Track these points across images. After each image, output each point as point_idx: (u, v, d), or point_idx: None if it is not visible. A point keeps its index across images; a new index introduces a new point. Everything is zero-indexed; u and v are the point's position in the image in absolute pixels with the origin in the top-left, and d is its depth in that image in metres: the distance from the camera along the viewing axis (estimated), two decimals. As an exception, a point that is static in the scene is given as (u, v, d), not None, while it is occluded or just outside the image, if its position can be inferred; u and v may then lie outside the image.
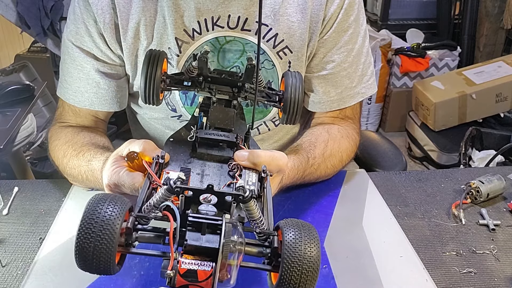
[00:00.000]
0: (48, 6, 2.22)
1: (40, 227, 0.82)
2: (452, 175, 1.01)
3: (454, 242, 0.80)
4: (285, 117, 0.69)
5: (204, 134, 0.63)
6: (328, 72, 0.94)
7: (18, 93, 1.56)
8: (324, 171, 0.89)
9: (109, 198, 0.46)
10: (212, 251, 0.46)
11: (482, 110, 2.69)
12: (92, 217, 0.44)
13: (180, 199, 0.50)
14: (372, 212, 0.86)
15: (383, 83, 3.01)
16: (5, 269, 0.73)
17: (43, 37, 2.32)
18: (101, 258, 0.43)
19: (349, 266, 0.72)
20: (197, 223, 0.47)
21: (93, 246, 0.43)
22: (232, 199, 0.50)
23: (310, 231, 0.49)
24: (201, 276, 0.46)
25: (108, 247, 0.43)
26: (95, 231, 0.43)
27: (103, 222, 0.44)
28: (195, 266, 0.46)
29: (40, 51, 3.02)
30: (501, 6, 2.97)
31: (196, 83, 0.69)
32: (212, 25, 0.87)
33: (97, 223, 0.44)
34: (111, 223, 0.44)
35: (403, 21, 3.20)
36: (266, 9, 0.88)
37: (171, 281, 0.45)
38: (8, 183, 0.94)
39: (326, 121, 0.99)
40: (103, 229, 0.43)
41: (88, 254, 0.43)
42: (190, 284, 0.46)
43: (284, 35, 0.89)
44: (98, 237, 0.43)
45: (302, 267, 0.46)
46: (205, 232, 0.47)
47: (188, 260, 0.46)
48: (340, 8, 0.90)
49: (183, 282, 0.46)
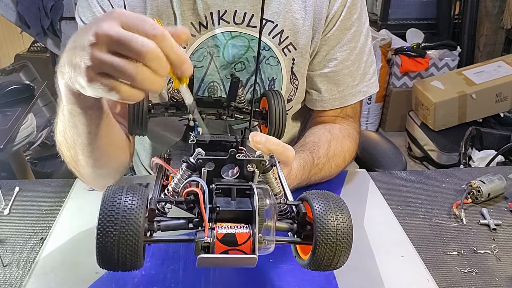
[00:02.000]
0: (48, 6, 2.22)
1: (41, 227, 0.82)
2: (453, 175, 1.01)
3: (455, 242, 0.80)
4: (272, 134, 0.72)
5: (204, 137, 0.63)
6: (330, 70, 0.94)
7: (18, 93, 1.56)
8: (329, 171, 0.90)
9: (126, 187, 0.43)
10: (247, 214, 0.45)
11: (482, 110, 2.69)
12: (112, 209, 0.41)
13: (202, 173, 0.48)
14: (373, 212, 0.86)
15: (383, 83, 3.01)
16: (6, 269, 0.73)
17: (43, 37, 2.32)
18: (128, 253, 0.40)
19: (350, 266, 0.72)
20: (226, 189, 0.46)
21: (117, 240, 0.40)
22: (255, 167, 0.49)
23: (337, 200, 0.48)
24: (240, 239, 0.44)
25: (134, 239, 0.40)
26: (117, 223, 0.40)
27: (125, 213, 0.40)
28: (232, 229, 0.44)
29: (40, 51, 3.02)
30: (501, 6, 2.97)
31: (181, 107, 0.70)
32: (218, 20, 0.87)
33: (118, 215, 0.40)
34: (134, 212, 0.41)
35: (403, 21, 3.21)
36: (272, 5, 0.88)
37: (209, 249, 0.43)
38: (9, 183, 0.94)
39: (327, 120, 0.99)
40: (126, 219, 0.40)
41: (112, 251, 0.40)
42: (230, 249, 0.44)
43: (289, 31, 0.90)
44: (122, 228, 0.40)
45: (336, 236, 0.46)
46: (235, 197, 0.46)
47: (222, 225, 0.44)
48: (343, 6, 0.90)
49: (222, 247, 0.43)
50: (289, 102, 0.97)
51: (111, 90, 0.50)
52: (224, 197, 0.46)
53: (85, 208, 0.85)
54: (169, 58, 0.49)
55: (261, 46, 0.89)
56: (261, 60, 0.90)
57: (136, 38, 0.48)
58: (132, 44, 0.48)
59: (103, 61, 0.49)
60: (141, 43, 0.48)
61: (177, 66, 0.50)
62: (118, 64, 0.49)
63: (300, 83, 0.96)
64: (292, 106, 0.98)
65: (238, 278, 0.69)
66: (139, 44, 0.48)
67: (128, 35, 0.48)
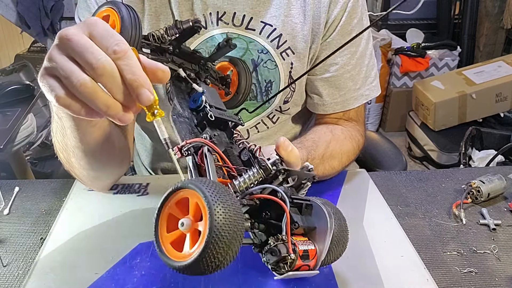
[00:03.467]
0: (48, 6, 2.22)
1: (41, 227, 0.82)
2: (452, 175, 1.01)
3: (455, 242, 0.80)
4: (234, 103, 0.75)
5: (218, 114, 0.62)
6: (331, 74, 0.94)
7: (18, 93, 1.57)
8: (322, 172, 0.89)
9: (226, 195, 0.42)
10: (312, 229, 0.49)
11: (482, 110, 2.69)
12: (224, 226, 0.40)
13: (277, 179, 0.50)
14: (373, 212, 0.86)
15: (383, 83, 3.01)
16: (6, 269, 0.73)
17: (43, 37, 2.32)
18: (229, 261, 0.41)
19: (350, 265, 0.72)
20: (298, 204, 0.49)
21: (224, 256, 0.40)
22: (306, 180, 0.53)
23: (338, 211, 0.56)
24: (311, 256, 0.47)
25: (236, 252, 0.41)
26: (229, 238, 0.40)
27: (235, 232, 0.40)
28: (306, 246, 0.48)
29: (40, 51, 3.02)
30: (501, 6, 2.97)
31: (159, 53, 0.65)
32: (217, 20, 0.87)
33: (230, 232, 0.40)
34: (241, 231, 0.41)
35: (403, 21, 3.21)
36: (271, 9, 0.88)
37: (291, 265, 0.45)
38: (9, 183, 0.94)
39: (329, 121, 0.99)
40: (235, 237, 0.40)
41: (217, 263, 0.40)
42: (303, 265, 0.47)
43: (287, 36, 0.89)
44: (230, 246, 0.40)
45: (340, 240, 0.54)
46: (303, 213, 0.50)
47: (297, 241, 0.47)
48: (344, 11, 0.90)
49: (300, 264, 0.46)
50: (286, 103, 0.97)
51: (51, 91, 0.47)
52: (295, 212, 0.49)
53: (85, 208, 0.85)
54: (124, 78, 0.45)
55: (259, 49, 0.89)
56: (259, 63, 0.90)
57: (92, 49, 0.45)
58: (86, 54, 0.45)
59: (53, 61, 0.47)
60: (95, 55, 0.45)
61: (132, 89, 0.45)
62: (64, 67, 0.46)
63: (297, 86, 0.95)
64: (289, 107, 0.98)
65: (238, 278, 0.69)
66: (92, 56, 0.45)
67: (86, 44, 0.45)
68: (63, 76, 0.46)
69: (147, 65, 0.48)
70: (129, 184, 0.92)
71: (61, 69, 0.46)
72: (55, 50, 0.48)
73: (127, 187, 0.91)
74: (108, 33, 0.47)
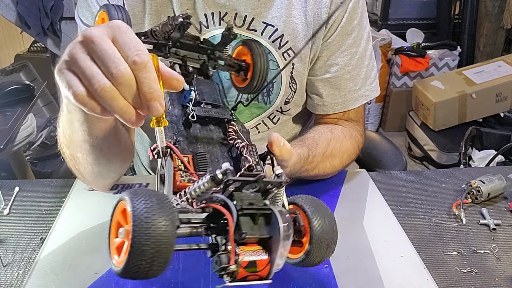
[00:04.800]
0: (48, 6, 2.22)
1: (41, 227, 0.82)
2: (452, 175, 1.01)
3: (455, 242, 0.80)
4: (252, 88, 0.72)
5: (203, 111, 0.61)
6: (331, 75, 0.94)
7: (18, 93, 1.57)
8: (323, 170, 0.89)
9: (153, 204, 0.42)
10: (268, 240, 0.48)
11: (482, 109, 2.69)
12: (147, 231, 0.40)
13: (225, 190, 0.49)
14: (373, 212, 0.86)
15: (383, 83, 3.01)
16: (6, 269, 0.73)
17: (43, 37, 2.32)
18: (158, 269, 0.42)
19: (350, 265, 0.72)
20: (251, 214, 0.48)
21: (150, 263, 0.41)
22: (273, 186, 0.51)
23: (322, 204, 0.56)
24: (260, 265, 0.47)
25: (165, 260, 0.41)
26: (152, 247, 0.40)
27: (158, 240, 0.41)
28: (254, 256, 0.47)
29: (40, 51, 3.03)
30: (501, 6, 2.98)
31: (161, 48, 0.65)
32: (219, 20, 0.87)
33: (152, 241, 0.40)
34: (167, 239, 0.41)
35: (403, 20, 3.21)
36: (273, 9, 0.88)
37: (233, 275, 0.45)
38: (9, 183, 0.94)
39: (329, 121, 0.99)
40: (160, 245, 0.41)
41: (144, 271, 0.41)
42: (250, 275, 0.46)
43: (289, 36, 0.89)
44: (155, 254, 0.40)
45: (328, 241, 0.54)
46: (258, 222, 0.48)
47: (244, 251, 0.47)
48: (344, 11, 0.90)
49: (244, 274, 0.46)
50: (286, 104, 0.97)
51: (69, 87, 0.48)
52: (244, 216, 0.47)
53: (85, 208, 0.85)
54: (140, 89, 0.47)
55: None
56: None
57: (113, 57, 0.46)
58: (108, 62, 0.46)
59: (76, 59, 0.48)
60: (117, 64, 0.46)
61: (145, 99, 0.47)
62: (87, 69, 0.47)
63: (298, 87, 0.95)
64: (290, 108, 0.98)
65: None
66: (114, 65, 0.46)
67: (108, 51, 0.46)
68: (84, 77, 0.47)
69: (164, 73, 0.50)
70: (129, 184, 0.93)
71: (83, 69, 0.47)
72: (78, 48, 0.48)
73: (127, 187, 0.91)
74: (131, 40, 0.48)
